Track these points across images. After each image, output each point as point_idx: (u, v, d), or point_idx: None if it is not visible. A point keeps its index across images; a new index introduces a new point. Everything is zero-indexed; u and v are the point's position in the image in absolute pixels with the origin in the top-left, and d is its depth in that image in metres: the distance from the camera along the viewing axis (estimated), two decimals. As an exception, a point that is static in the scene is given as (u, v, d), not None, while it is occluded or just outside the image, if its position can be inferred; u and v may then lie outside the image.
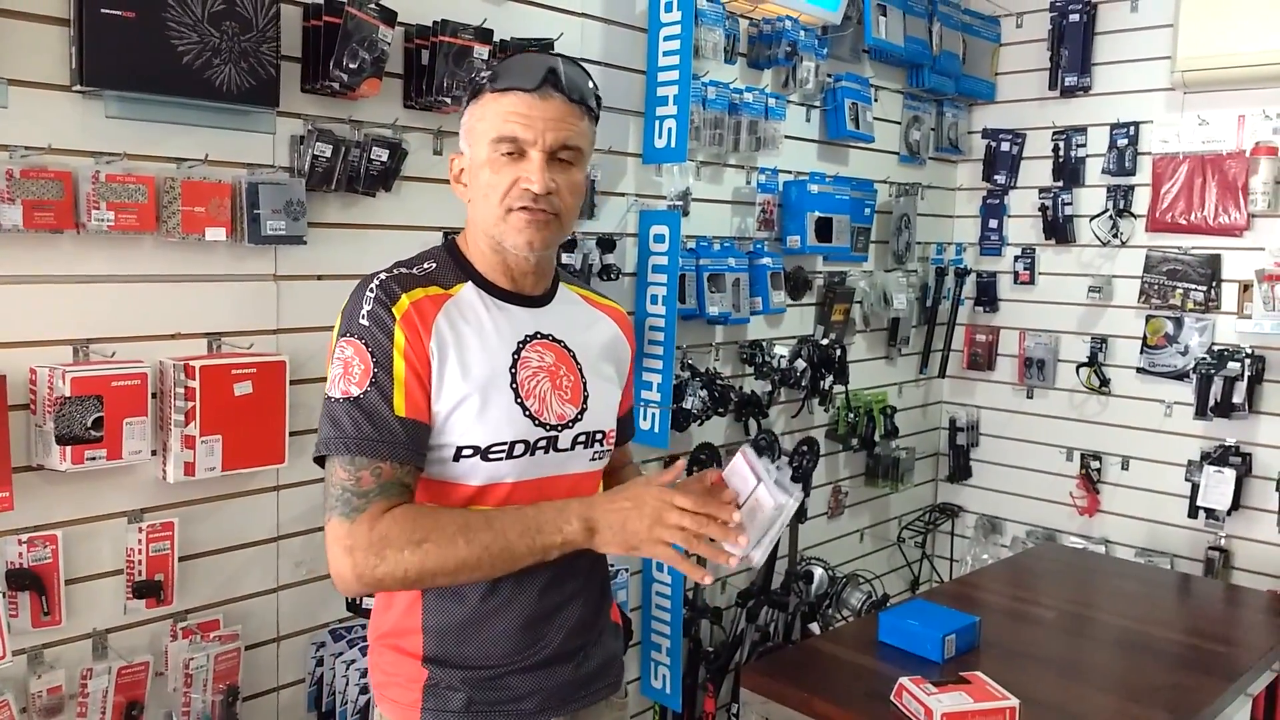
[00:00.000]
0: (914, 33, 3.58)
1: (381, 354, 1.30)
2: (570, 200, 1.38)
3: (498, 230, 1.35)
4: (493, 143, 1.33)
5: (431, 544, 1.25)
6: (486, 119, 1.35)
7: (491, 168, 1.34)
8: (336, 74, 2.03)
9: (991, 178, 3.97)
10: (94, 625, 1.88)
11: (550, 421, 1.39)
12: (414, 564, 1.24)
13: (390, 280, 1.34)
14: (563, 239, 1.46)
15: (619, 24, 2.72)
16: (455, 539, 1.25)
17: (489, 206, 1.35)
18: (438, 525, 1.26)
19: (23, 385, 1.75)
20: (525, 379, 1.38)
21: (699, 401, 2.87)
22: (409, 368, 1.30)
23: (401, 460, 1.28)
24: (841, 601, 3.41)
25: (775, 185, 3.23)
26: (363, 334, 1.31)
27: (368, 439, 1.27)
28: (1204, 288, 3.43)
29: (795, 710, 2.02)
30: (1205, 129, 3.40)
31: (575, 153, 1.36)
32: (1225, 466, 3.32)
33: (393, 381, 1.29)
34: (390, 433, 1.28)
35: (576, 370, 1.44)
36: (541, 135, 1.32)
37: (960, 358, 4.10)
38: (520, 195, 1.33)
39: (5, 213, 1.67)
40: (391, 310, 1.31)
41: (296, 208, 2.01)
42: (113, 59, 1.76)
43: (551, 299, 1.47)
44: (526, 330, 1.41)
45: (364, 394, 1.28)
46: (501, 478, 1.36)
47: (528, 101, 1.32)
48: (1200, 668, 2.20)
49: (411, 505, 1.29)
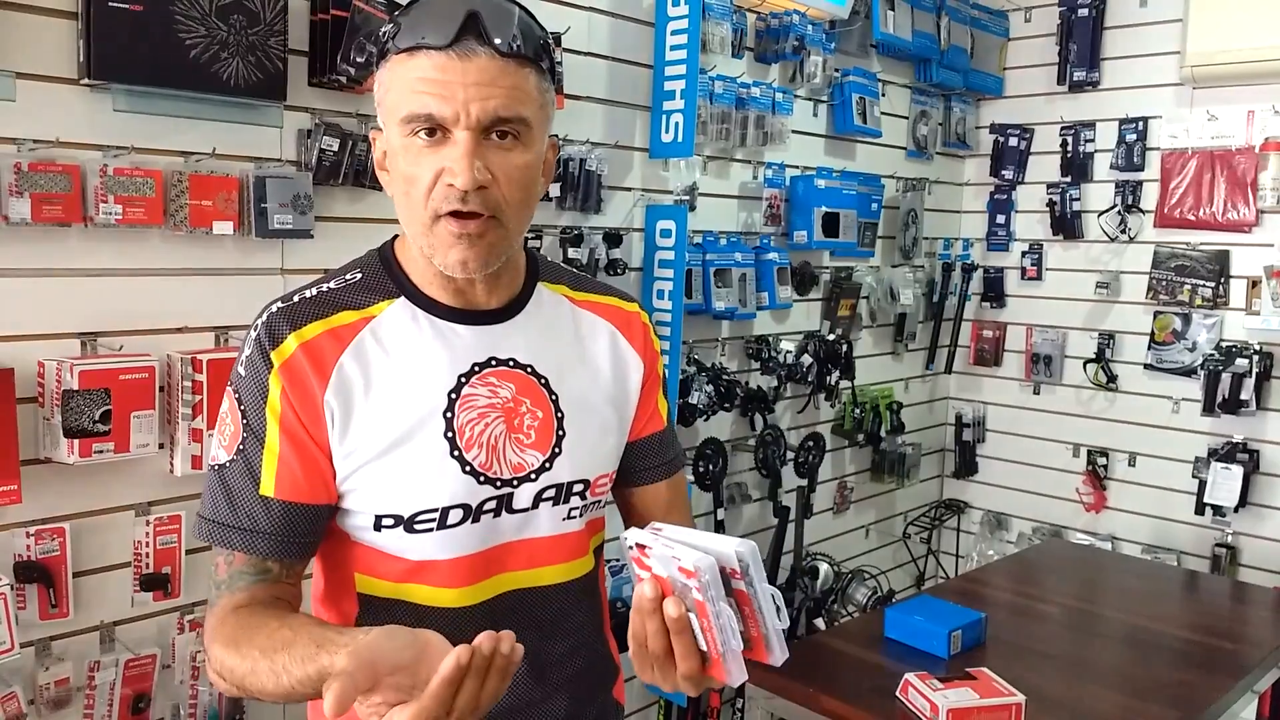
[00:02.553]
0: (922, 27, 3.57)
1: (254, 413, 1.03)
2: (514, 193, 1.02)
3: (425, 242, 1.03)
4: (403, 123, 1.00)
5: (237, 674, 0.98)
6: (393, 89, 1.01)
7: (406, 157, 1.00)
8: (344, 68, 2.03)
9: (999, 173, 3.95)
10: (101, 618, 1.89)
11: (503, 476, 1.08)
12: (234, 686, 0.99)
13: (279, 315, 1.05)
14: (512, 246, 1.08)
15: (626, 18, 2.71)
16: (250, 675, 0.96)
17: (411, 209, 1.02)
18: (239, 654, 0.97)
19: (30, 378, 1.76)
20: (467, 423, 1.07)
21: (705, 397, 2.87)
22: (285, 433, 1.03)
23: (258, 552, 1.03)
24: (847, 597, 3.41)
25: (782, 180, 3.22)
26: (239, 386, 1.05)
27: (221, 523, 1.04)
28: (1212, 284, 3.42)
29: (800, 706, 2.02)
30: (1214, 124, 3.39)
31: (518, 125, 1.00)
32: (1232, 463, 3.31)
33: (263, 450, 1.03)
34: (249, 516, 1.03)
35: (548, 403, 1.12)
36: (464, 108, 0.97)
37: (967, 353, 4.09)
38: (445, 195, 0.99)
39: (13, 206, 1.67)
40: (270, 357, 1.03)
41: (304, 201, 2.01)
42: (120, 52, 1.76)
43: (519, 309, 1.13)
44: (474, 358, 1.08)
45: (230, 463, 1.04)
46: (434, 554, 1.07)
47: (441, 63, 0.97)
48: (1207, 665, 2.20)
49: (246, 613, 1.01)
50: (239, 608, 1.02)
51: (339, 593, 1.14)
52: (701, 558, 0.84)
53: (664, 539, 0.89)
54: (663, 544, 0.88)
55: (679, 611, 0.87)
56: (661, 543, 0.88)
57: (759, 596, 0.85)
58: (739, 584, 0.86)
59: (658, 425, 1.26)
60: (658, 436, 1.26)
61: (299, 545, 1.06)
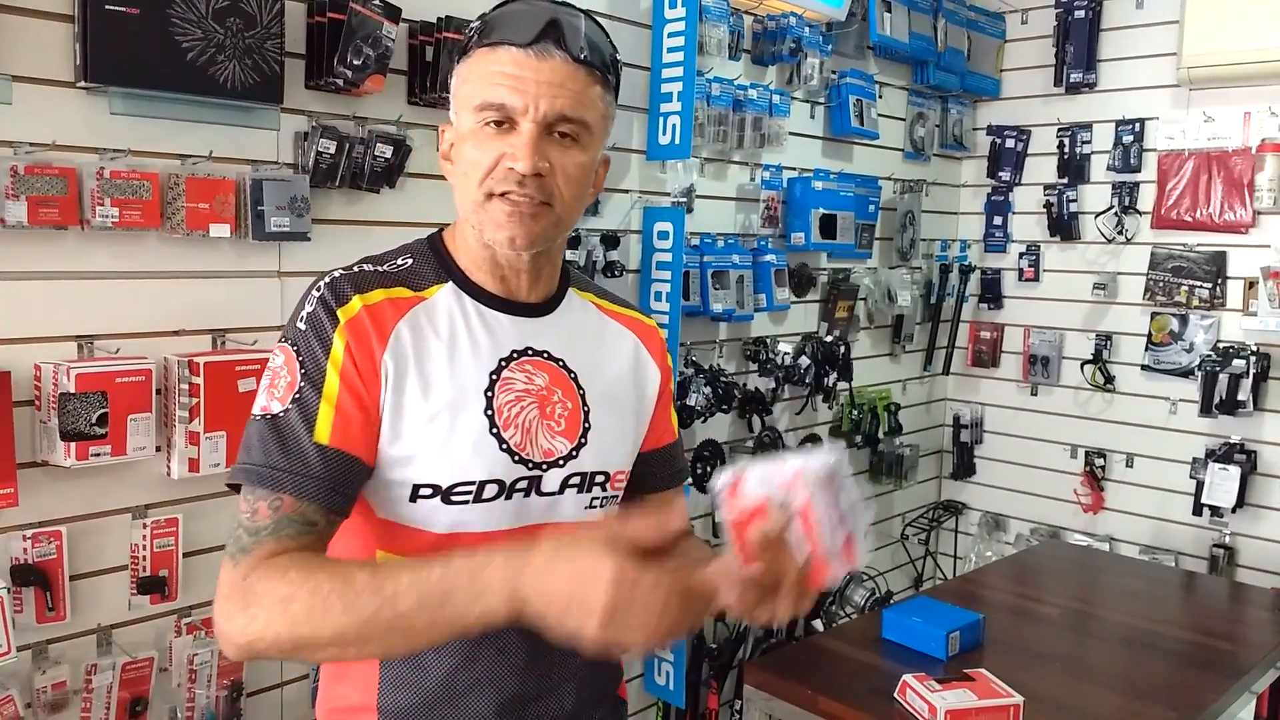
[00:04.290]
0: (919, 29, 3.58)
1: (313, 365, 1.06)
2: (568, 188, 1.10)
3: (476, 219, 1.11)
4: (476, 110, 1.08)
5: (300, 606, 0.95)
6: (471, 80, 1.10)
7: (474, 141, 1.09)
8: (341, 70, 2.03)
9: (996, 174, 3.96)
10: (98, 621, 1.89)
11: (534, 458, 1.13)
12: (284, 630, 0.96)
13: (343, 279, 1.11)
14: (561, 235, 1.16)
15: (623, 20, 2.71)
16: (330, 603, 0.94)
17: (468, 188, 1.10)
18: (311, 581, 0.96)
19: (27, 382, 1.76)
20: (505, 404, 1.12)
21: (703, 399, 2.87)
22: (345, 385, 1.06)
23: (308, 496, 1.03)
24: (845, 598, 3.41)
25: (779, 182, 3.22)
26: (296, 340, 1.08)
27: (272, 467, 1.03)
28: (1209, 285, 3.42)
29: (799, 707, 2.02)
30: (1211, 126, 3.39)
31: (579, 127, 1.09)
32: (1230, 464, 3.32)
33: (320, 399, 1.05)
34: (302, 461, 1.03)
35: (577, 396, 1.18)
36: (534, 102, 1.06)
37: (964, 355, 4.10)
38: (504, 177, 1.07)
39: (10, 209, 1.67)
40: (336, 314, 1.08)
41: (301, 204, 2.01)
42: (117, 55, 1.76)
43: (554, 307, 1.21)
44: (513, 345, 1.15)
45: (284, 412, 1.05)
46: (467, 526, 1.10)
47: (519, 59, 1.06)
48: (1205, 665, 2.20)
49: (299, 554, 1.01)
50: (275, 559, 1.00)
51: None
52: (806, 461, 0.90)
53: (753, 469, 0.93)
54: (756, 470, 0.93)
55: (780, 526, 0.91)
56: (755, 470, 0.93)
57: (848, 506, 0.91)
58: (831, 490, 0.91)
59: (671, 437, 1.33)
60: (670, 449, 1.33)
61: (344, 498, 1.06)
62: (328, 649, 0.96)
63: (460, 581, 0.93)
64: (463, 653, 1.11)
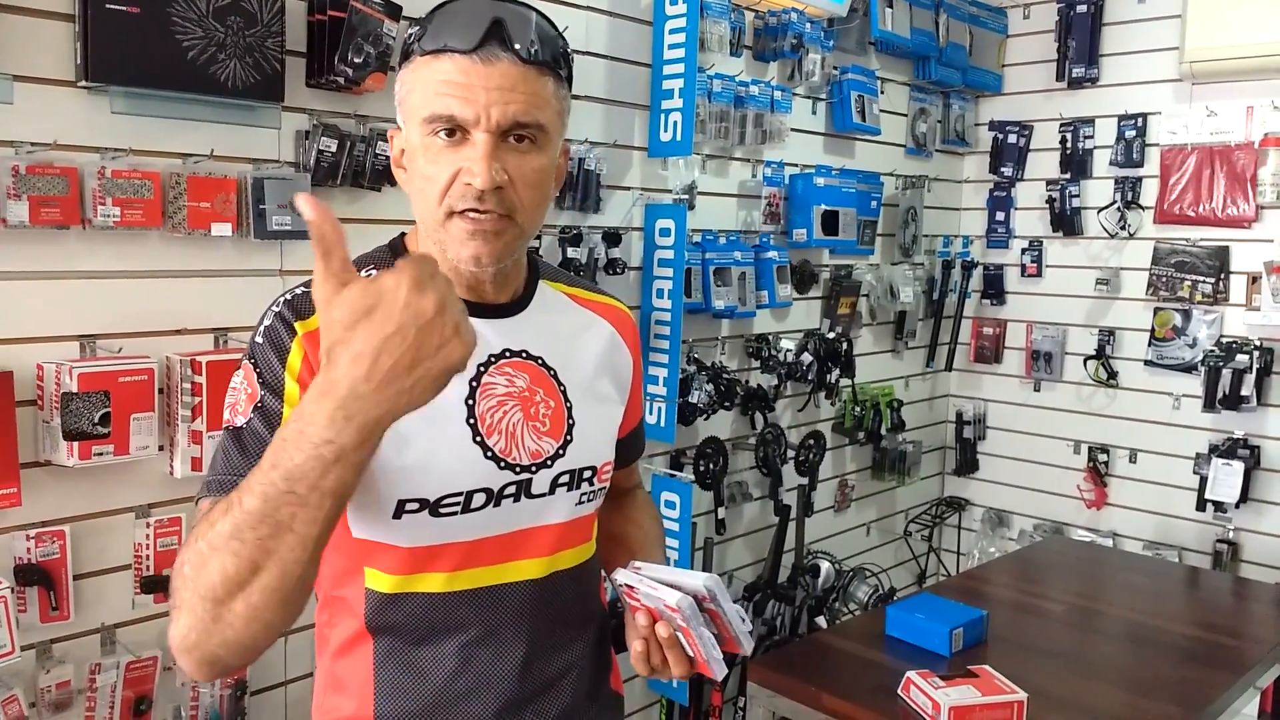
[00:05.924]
0: (920, 25, 3.57)
1: (271, 375, 1.01)
2: (529, 195, 1.05)
3: (438, 236, 1.06)
4: (424, 122, 1.02)
5: (191, 571, 0.89)
6: (416, 90, 1.04)
7: (426, 155, 1.03)
8: (341, 68, 2.02)
9: (998, 170, 3.95)
10: (102, 620, 1.89)
11: (521, 462, 1.11)
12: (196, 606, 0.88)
13: (304, 295, 1.05)
14: (524, 245, 1.12)
15: (624, 17, 2.71)
16: (205, 553, 0.88)
17: (427, 205, 1.05)
18: (191, 549, 0.90)
19: (30, 381, 1.76)
20: (487, 411, 1.09)
21: (705, 395, 2.87)
22: (304, 392, 0.94)
23: None
24: (848, 595, 3.41)
25: (781, 178, 3.22)
26: (254, 353, 1.04)
27: (233, 473, 0.97)
28: (1212, 280, 3.41)
29: (802, 704, 2.02)
30: (1214, 120, 3.39)
31: (535, 130, 1.04)
32: (1233, 459, 3.31)
33: (282, 403, 1.00)
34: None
35: (559, 393, 1.16)
36: (485, 111, 1.00)
37: (967, 351, 4.09)
38: (462, 194, 1.02)
39: (11, 209, 1.67)
40: (294, 325, 1.03)
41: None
42: (118, 54, 1.76)
43: (526, 304, 1.17)
44: (490, 349, 1.11)
45: (246, 423, 1.00)
46: (455, 537, 1.08)
47: (465, 66, 1.00)
48: (1209, 661, 2.20)
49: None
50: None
51: (347, 588, 1.13)
52: (682, 598, 1.05)
53: (645, 579, 1.09)
54: (646, 585, 1.08)
55: (669, 633, 1.08)
56: (645, 584, 1.08)
57: (727, 614, 1.08)
58: (711, 605, 1.08)
59: (637, 418, 1.35)
60: (639, 428, 1.37)
61: None
62: (235, 600, 0.87)
63: (285, 435, 0.85)
64: (459, 657, 1.10)
